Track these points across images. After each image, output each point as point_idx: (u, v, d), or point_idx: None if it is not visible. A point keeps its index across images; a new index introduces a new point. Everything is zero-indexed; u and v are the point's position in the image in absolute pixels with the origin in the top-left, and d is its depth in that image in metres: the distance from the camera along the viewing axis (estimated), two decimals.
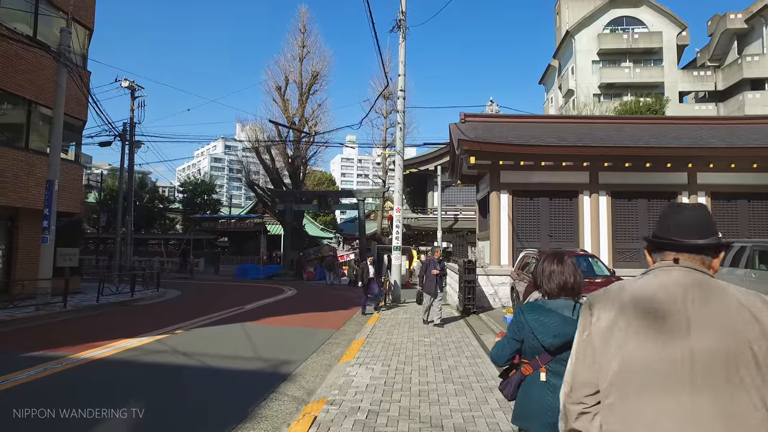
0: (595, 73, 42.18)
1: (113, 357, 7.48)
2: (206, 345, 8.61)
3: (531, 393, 2.45)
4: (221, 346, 8.60)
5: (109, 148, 47.85)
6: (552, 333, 2.40)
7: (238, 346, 8.73)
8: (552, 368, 2.41)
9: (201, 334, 9.82)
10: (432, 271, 11.06)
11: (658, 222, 1.62)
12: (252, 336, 9.74)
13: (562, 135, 15.86)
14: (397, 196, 16.98)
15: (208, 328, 10.51)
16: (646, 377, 1.38)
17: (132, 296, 15.37)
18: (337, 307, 15.26)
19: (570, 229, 15.56)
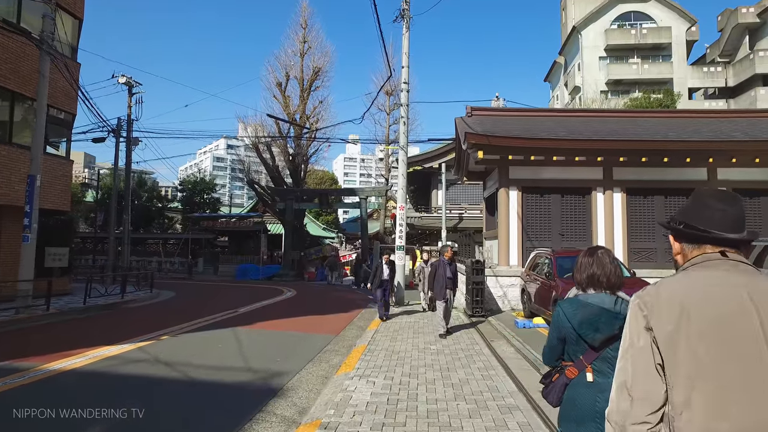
0: (602, 70, 41.35)
1: (85, 368, 6.74)
2: (192, 353, 7.88)
3: (578, 396, 2.34)
4: (208, 355, 7.86)
5: (111, 147, 47.12)
6: (594, 327, 2.32)
7: (226, 354, 7.99)
8: (598, 367, 2.32)
9: (188, 340, 9.08)
10: (445, 272, 9.77)
11: (693, 210, 1.51)
12: (243, 342, 9.00)
13: (574, 129, 15.08)
14: (401, 194, 16.21)
15: (197, 334, 9.76)
16: (723, 382, 1.30)
17: (122, 298, 14.65)
18: (338, 310, 14.52)
19: (583, 227, 14.78)
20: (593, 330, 2.32)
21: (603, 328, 2.30)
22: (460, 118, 16.93)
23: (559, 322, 2.46)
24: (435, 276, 9.95)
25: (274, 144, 32.17)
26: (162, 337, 9.18)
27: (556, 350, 2.51)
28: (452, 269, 10.03)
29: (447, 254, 10.21)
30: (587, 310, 2.37)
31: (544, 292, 10.71)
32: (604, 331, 2.30)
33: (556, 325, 2.48)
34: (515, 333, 9.80)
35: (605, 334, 2.30)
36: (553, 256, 10.77)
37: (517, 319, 11.16)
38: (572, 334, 2.39)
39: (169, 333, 9.66)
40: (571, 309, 2.42)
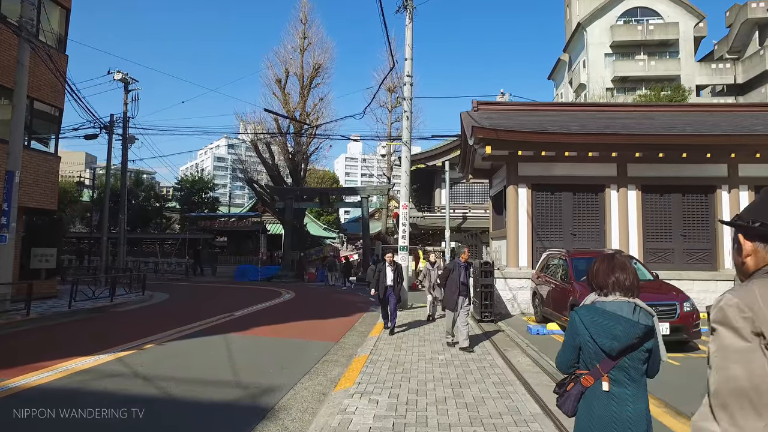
0: (608, 67, 40.58)
1: (53, 384, 6.01)
2: (176, 365, 7.15)
3: (593, 406, 2.31)
4: (194, 366, 7.13)
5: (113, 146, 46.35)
6: (611, 335, 2.27)
7: (215, 365, 7.26)
8: (615, 377, 2.30)
9: (175, 349, 8.36)
10: (459, 277, 8.48)
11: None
12: (235, 351, 8.27)
13: (585, 124, 14.35)
14: (404, 191, 15.48)
15: (185, 341, 9.04)
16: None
17: (111, 301, 13.93)
18: (338, 314, 13.79)
19: (595, 226, 14.04)
20: (611, 339, 2.27)
21: (621, 337, 2.25)
22: (465, 112, 16.21)
23: (575, 330, 2.41)
24: (448, 280, 8.59)
25: (274, 142, 31.44)
26: (146, 345, 8.45)
27: (571, 357, 2.46)
28: (470, 272, 8.76)
29: (464, 256, 8.91)
30: (605, 318, 2.32)
31: (558, 296, 9.99)
32: (622, 340, 2.25)
33: (572, 332, 2.43)
34: (529, 340, 9.08)
35: (623, 343, 2.25)
36: (569, 258, 10.04)
37: (530, 325, 10.42)
38: (588, 342, 2.34)
39: (156, 340, 8.94)
40: (588, 316, 2.37)
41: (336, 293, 21.23)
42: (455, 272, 8.54)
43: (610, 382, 2.29)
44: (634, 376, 2.30)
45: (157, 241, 34.24)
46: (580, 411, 2.37)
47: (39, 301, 13.25)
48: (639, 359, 2.31)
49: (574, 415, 2.41)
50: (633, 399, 2.28)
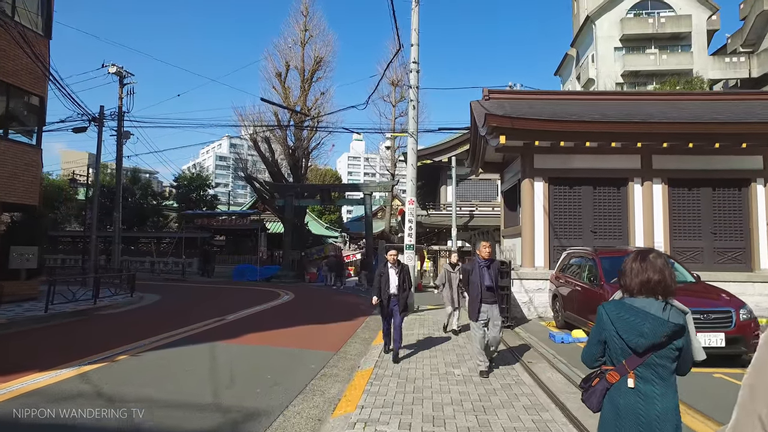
0: (618, 61, 39.42)
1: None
2: (149, 381, 6.12)
3: (619, 402, 2.29)
4: (170, 383, 6.10)
5: (111, 145, 45.76)
6: (638, 332, 2.25)
7: (193, 382, 6.22)
8: (641, 374, 2.27)
9: (152, 360, 7.33)
10: (480, 279, 6.59)
11: None
12: (220, 364, 7.24)
13: (605, 113, 13.26)
14: (410, 186, 14.44)
15: (165, 351, 8.01)
16: None
17: (95, 304, 12.91)
18: (339, 317, 12.76)
19: (618, 223, 12.98)
20: (637, 335, 2.25)
21: (648, 334, 2.23)
22: (476, 101, 15.15)
23: (602, 324, 2.41)
24: (468, 283, 6.84)
25: (273, 138, 30.41)
26: (120, 356, 7.42)
27: (596, 352, 2.46)
28: (493, 274, 6.67)
29: (483, 252, 6.79)
30: (631, 315, 2.30)
31: (585, 300, 8.93)
32: (649, 337, 2.23)
33: (599, 327, 2.43)
34: (554, 350, 8.02)
35: (650, 340, 2.23)
36: (597, 257, 8.97)
37: (552, 332, 9.36)
38: (615, 338, 2.33)
39: (133, 350, 7.92)
40: (615, 312, 2.37)
41: (337, 295, 20.21)
42: (474, 274, 6.69)
43: (637, 379, 2.26)
44: (663, 374, 2.25)
45: (153, 240, 33.23)
46: (605, 407, 2.35)
47: (15, 303, 12.29)
48: (668, 357, 2.25)
49: (599, 410, 2.39)
50: (661, 397, 2.23)
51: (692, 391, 5.27)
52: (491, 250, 6.90)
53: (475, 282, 6.67)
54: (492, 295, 6.62)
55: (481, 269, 6.67)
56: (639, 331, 2.24)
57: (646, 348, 2.23)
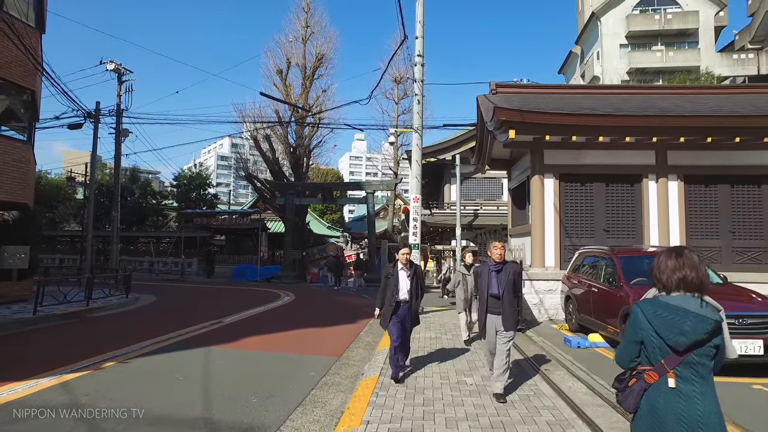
0: (623, 58, 38.86)
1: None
2: (134, 392, 5.61)
3: (658, 403, 2.22)
4: (158, 394, 5.59)
5: (110, 143, 45.92)
6: (679, 330, 2.19)
7: (183, 392, 5.72)
8: (681, 373, 2.20)
9: (141, 368, 6.82)
10: (487, 286, 5.62)
11: None
12: (215, 371, 6.74)
13: (618, 107, 12.72)
14: (415, 183, 13.93)
15: (156, 357, 7.51)
16: None
17: (87, 305, 12.42)
18: (341, 320, 12.25)
19: (631, 221, 12.46)
20: (678, 333, 2.19)
21: (689, 332, 2.17)
22: (483, 96, 14.64)
23: (638, 324, 2.33)
24: (477, 289, 6.01)
25: (274, 135, 29.94)
26: (106, 363, 6.92)
27: (633, 352, 2.38)
28: (505, 278, 5.55)
29: (494, 254, 5.70)
30: (670, 312, 2.23)
31: (602, 302, 8.41)
32: (689, 335, 2.17)
33: (634, 327, 2.35)
34: (571, 356, 7.51)
35: (691, 338, 2.17)
36: (616, 257, 8.45)
37: (567, 336, 8.84)
38: (652, 337, 2.26)
39: (122, 356, 7.42)
40: (652, 310, 2.30)
41: (338, 295, 19.70)
42: (482, 279, 5.73)
43: (677, 378, 2.20)
44: (702, 373, 2.19)
45: (152, 240, 32.76)
46: (642, 408, 2.28)
47: (4, 305, 11.83)
48: (707, 355, 2.19)
49: (635, 411, 2.33)
50: (702, 397, 2.16)
51: (729, 403, 4.75)
52: (503, 252, 5.72)
53: (482, 288, 5.66)
54: (497, 304, 5.51)
55: (489, 273, 5.63)
56: (680, 329, 2.17)
57: (687, 346, 2.17)
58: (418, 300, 6.39)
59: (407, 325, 6.26)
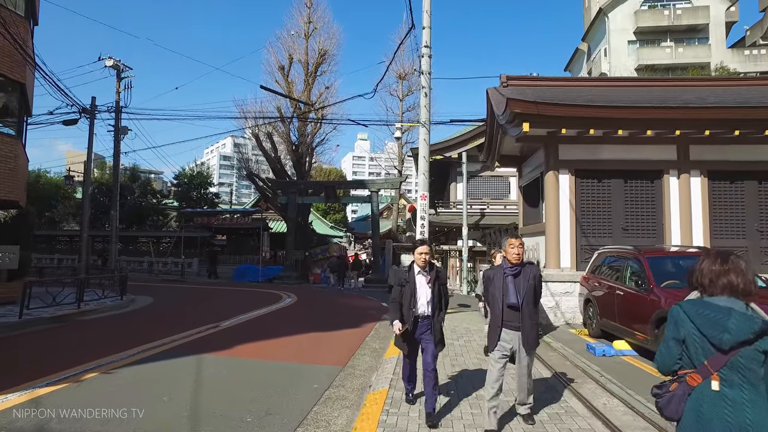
0: (632, 55, 38.17)
1: None
2: (114, 408, 4.98)
3: (702, 408, 2.08)
4: (140, 411, 4.95)
5: (109, 141, 45.54)
6: (722, 327, 2.07)
7: (170, 408, 5.09)
8: (726, 376, 2.07)
9: (126, 378, 6.20)
10: (501, 294, 4.59)
11: None
12: (206, 383, 6.11)
13: (638, 99, 12.06)
14: (422, 180, 13.31)
15: (144, 367, 6.88)
16: None
17: (78, 308, 11.81)
18: (345, 323, 11.62)
19: (651, 220, 11.80)
20: (721, 331, 2.08)
21: (733, 329, 2.06)
22: (493, 89, 14.00)
23: (679, 322, 2.23)
24: (490, 295, 4.75)
25: (277, 133, 29.35)
26: (88, 374, 6.29)
27: (673, 353, 2.26)
28: (524, 284, 4.55)
29: (511, 253, 4.64)
30: (713, 311, 2.14)
31: (629, 306, 7.76)
32: (734, 333, 2.05)
33: (675, 325, 2.25)
34: (598, 366, 6.85)
35: (736, 337, 2.05)
36: (643, 257, 7.80)
37: (590, 343, 8.18)
38: (694, 335, 2.17)
39: (106, 366, 6.80)
40: (694, 309, 2.20)
41: (341, 297, 19.07)
42: (495, 284, 4.65)
43: (722, 381, 2.07)
44: (751, 379, 2.04)
45: (152, 240, 32.19)
46: (686, 414, 2.15)
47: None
48: (754, 360, 2.04)
49: (679, 417, 2.18)
50: (751, 405, 2.00)
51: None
52: (522, 251, 4.64)
53: (495, 296, 4.58)
54: (515, 317, 4.46)
55: (504, 278, 4.58)
56: (723, 326, 2.08)
57: (732, 345, 2.06)
58: (441, 313, 4.86)
59: (430, 341, 4.78)
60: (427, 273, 4.87)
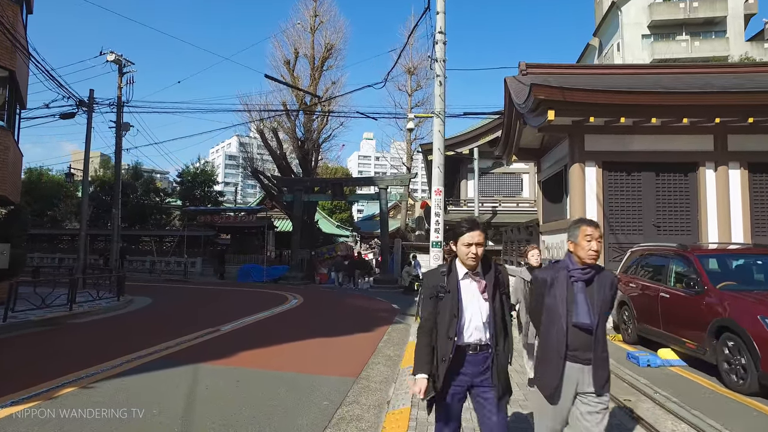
0: (646, 49, 37.08)
1: None
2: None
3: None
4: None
5: (110, 138, 44.44)
6: None
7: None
8: None
9: (106, 394, 5.39)
10: (566, 310, 2.91)
11: None
12: (198, 400, 5.30)
13: (666, 86, 11.16)
14: (437, 174, 12.46)
15: (131, 378, 6.08)
16: None
17: (70, 310, 11.04)
18: (355, 327, 10.78)
19: (686, 216, 10.91)
20: None
21: None
22: (512, 77, 13.21)
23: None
24: (543, 317, 3.08)
25: (282, 129, 28.58)
26: (64, 389, 5.49)
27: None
28: (599, 296, 2.91)
29: (583, 248, 2.93)
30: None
31: (677, 311, 6.89)
32: None
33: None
34: (645, 378, 5.99)
35: None
36: (693, 256, 6.91)
37: (632, 352, 7.30)
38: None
39: (89, 378, 6.00)
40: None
41: (349, 298, 18.23)
42: (553, 294, 2.99)
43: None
44: None
45: (155, 239, 31.47)
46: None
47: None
48: None
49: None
50: None
51: None
52: (601, 246, 2.99)
53: (557, 311, 2.95)
54: (587, 343, 2.85)
55: (571, 286, 2.94)
56: None
57: None
58: (507, 341, 2.92)
59: (490, 407, 2.80)
60: (481, 276, 2.88)
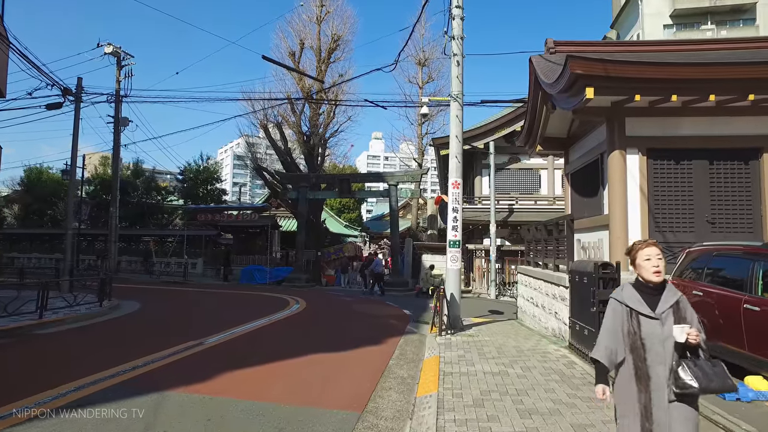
0: None
1: None
2: None
3: None
4: None
5: (127, 145, 43.64)
6: None
7: None
8: None
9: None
10: None
11: None
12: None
13: (716, 60, 9.65)
14: (455, 164, 11.07)
15: (72, 415, 4.72)
16: None
17: (40, 317, 9.74)
18: (361, 340, 9.36)
19: (746, 210, 9.36)
20: None
21: None
22: (538, 56, 11.69)
23: None
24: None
25: (287, 123, 27.31)
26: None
27: None
28: None
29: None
30: None
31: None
32: None
33: None
34: (737, 417, 4.55)
35: None
36: None
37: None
38: None
39: (19, 414, 4.67)
40: None
41: (357, 303, 16.82)
42: None
43: None
44: None
45: (156, 239, 30.30)
46: None
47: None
48: None
49: None
50: None
51: None
52: None
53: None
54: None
55: None
56: None
57: None
58: None
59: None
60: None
